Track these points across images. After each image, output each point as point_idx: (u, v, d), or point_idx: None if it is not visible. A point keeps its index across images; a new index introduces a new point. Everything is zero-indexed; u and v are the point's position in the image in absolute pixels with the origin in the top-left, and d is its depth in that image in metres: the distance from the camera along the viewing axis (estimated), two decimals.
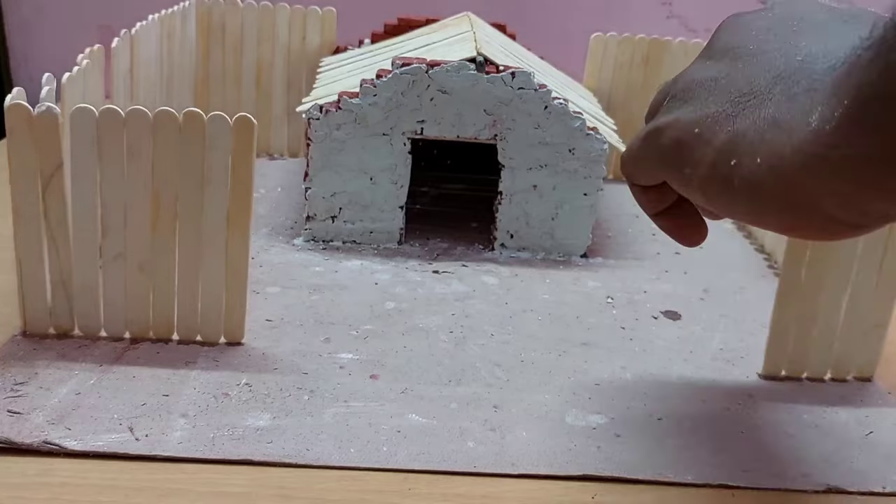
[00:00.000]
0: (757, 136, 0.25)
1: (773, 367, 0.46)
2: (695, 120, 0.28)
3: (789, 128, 0.24)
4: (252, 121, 0.41)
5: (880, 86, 0.21)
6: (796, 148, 0.24)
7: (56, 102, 0.40)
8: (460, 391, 0.43)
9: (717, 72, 0.29)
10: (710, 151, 0.27)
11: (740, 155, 0.26)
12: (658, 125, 0.30)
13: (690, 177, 0.28)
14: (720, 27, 0.32)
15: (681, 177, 0.29)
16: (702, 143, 0.28)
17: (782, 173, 0.24)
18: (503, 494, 0.36)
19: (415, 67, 0.56)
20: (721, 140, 0.27)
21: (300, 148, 0.80)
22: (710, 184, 0.27)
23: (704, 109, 0.28)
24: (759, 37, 0.29)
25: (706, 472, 0.38)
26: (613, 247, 0.65)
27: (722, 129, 0.27)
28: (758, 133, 0.25)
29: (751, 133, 0.26)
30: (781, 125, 0.25)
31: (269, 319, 0.49)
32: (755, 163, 0.25)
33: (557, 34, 1.08)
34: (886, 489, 0.38)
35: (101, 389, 0.40)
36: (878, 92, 0.21)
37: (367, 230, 0.61)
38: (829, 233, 0.25)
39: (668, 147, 0.29)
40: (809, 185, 0.24)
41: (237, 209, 0.42)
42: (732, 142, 0.26)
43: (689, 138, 0.28)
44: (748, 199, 0.26)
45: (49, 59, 1.07)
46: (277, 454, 0.37)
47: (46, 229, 0.42)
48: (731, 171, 0.26)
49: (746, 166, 0.26)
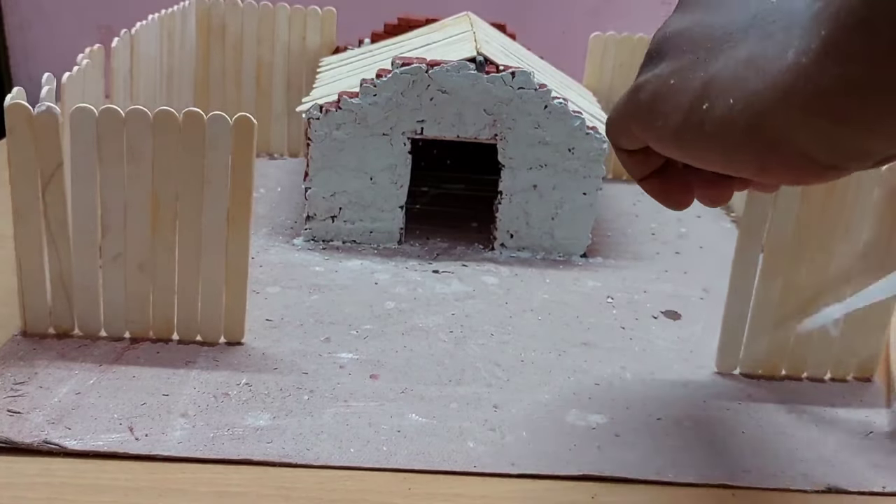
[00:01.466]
0: (730, 76, 0.25)
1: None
2: (671, 72, 0.28)
3: (765, 64, 0.24)
4: (252, 121, 0.41)
5: (860, 10, 0.20)
6: (770, 84, 0.23)
7: (56, 102, 0.40)
8: (460, 391, 0.43)
9: (690, 22, 0.29)
10: (684, 99, 0.27)
11: (713, 98, 0.26)
12: (637, 84, 0.30)
13: (664, 128, 0.28)
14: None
15: (655, 130, 0.29)
16: (676, 93, 0.27)
17: (756, 110, 0.24)
18: (503, 494, 0.36)
19: (415, 67, 0.56)
20: (695, 86, 0.27)
21: (300, 148, 0.80)
22: (684, 131, 0.27)
23: (680, 60, 0.28)
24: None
25: (706, 472, 0.38)
26: (613, 247, 0.65)
27: (695, 76, 0.27)
28: (731, 73, 0.25)
29: (724, 74, 0.25)
30: (757, 63, 0.24)
31: (269, 319, 0.49)
32: (728, 104, 0.25)
33: (557, 34, 1.08)
34: (886, 489, 0.38)
35: (101, 389, 0.40)
36: (858, 17, 0.20)
37: (367, 230, 0.61)
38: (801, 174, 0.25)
39: (645, 102, 0.29)
40: (784, 121, 0.23)
41: (237, 209, 0.42)
42: (706, 86, 0.26)
43: (664, 90, 0.28)
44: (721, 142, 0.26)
45: (49, 59, 1.07)
46: (277, 454, 0.37)
47: (46, 229, 0.42)
48: (704, 116, 0.26)
49: (719, 108, 0.25)
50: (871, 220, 0.43)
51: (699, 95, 0.26)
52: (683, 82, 0.27)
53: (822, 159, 0.24)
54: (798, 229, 0.43)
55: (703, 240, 0.67)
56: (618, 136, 0.33)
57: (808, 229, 0.43)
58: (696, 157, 0.28)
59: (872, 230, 0.43)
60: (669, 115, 0.28)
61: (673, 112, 0.27)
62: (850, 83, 0.21)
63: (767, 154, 0.25)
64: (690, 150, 0.28)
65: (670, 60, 0.29)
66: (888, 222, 0.43)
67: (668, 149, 0.29)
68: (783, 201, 0.42)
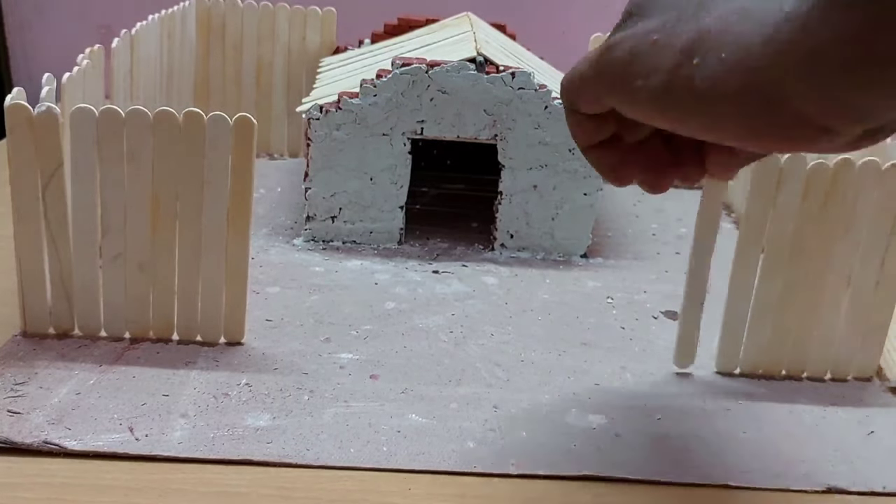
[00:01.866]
0: (723, 28, 0.23)
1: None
2: (653, 28, 0.26)
3: (761, 16, 0.22)
4: (252, 121, 0.41)
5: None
6: (767, 36, 0.22)
7: (56, 102, 0.40)
8: (460, 391, 0.43)
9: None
10: (669, 55, 0.25)
11: (704, 52, 0.24)
12: (611, 41, 0.28)
13: (643, 89, 0.26)
14: None
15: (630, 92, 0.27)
16: (660, 49, 0.25)
17: (750, 66, 0.22)
18: (503, 494, 0.36)
19: (415, 67, 0.56)
20: (683, 41, 0.25)
21: (300, 148, 0.80)
22: (667, 92, 0.25)
23: (663, 16, 0.26)
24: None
25: (706, 472, 0.38)
26: (613, 247, 0.65)
27: (683, 31, 0.25)
28: (725, 26, 0.23)
29: (717, 27, 0.24)
30: (752, 15, 0.23)
31: (269, 319, 0.49)
32: (719, 59, 0.23)
33: (557, 34, 1.08)
34: (886, 489, 0.38)
35: (101, 389, 0.40)
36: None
37: (367, 230, 0.61)
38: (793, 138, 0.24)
39: (621, 61, 0.27)
40: (779, 79, 0.22)
41: (237, 209, 0.42)
42: (695, 40, 0.24)
43: (644, 47, 0.26)
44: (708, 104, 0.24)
45: (49, 59, 1.07)
46: (277, 454, 0.37)
47: (46, 229, 0.42)
48: (693, 72, 0.24)
49: (710, 64, 0.24)
50: (871, 220, 0.43)
51: (687, 51, 0.24)
52: (669, 38, 0.25)
53: (817, 119, 0.23)
54: (798, 229, 0.43)
55: None
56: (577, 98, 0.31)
57: (808, 229, 0.43)
58: (678, 120, 0.26)
59: (872, 230, 0.43)
60: (650, 75, 0.26)
61: (654, 71, 0.26)
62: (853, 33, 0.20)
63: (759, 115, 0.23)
64: (671, 112, 0.26)
65: (652, 17, 0.27)
66: (888, 222, 0.43)
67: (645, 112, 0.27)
68: (783, 201, 0.42)
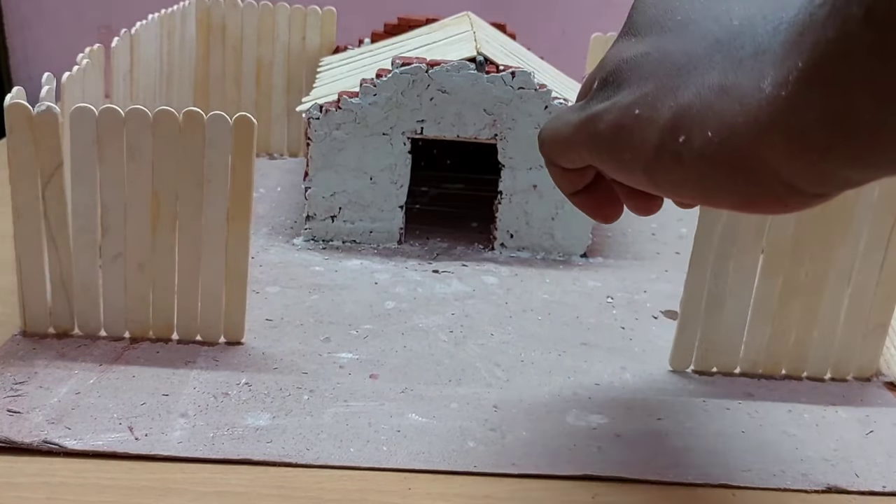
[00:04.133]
0: (704, 107, 0.24)
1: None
2: (633, 101, 0.26)
3: (740, 95, 0.23)
4: (252, 121, 0.41)
5: (839, 42, 0.19)
6: (751, 117, 0.22)
7: (56, 102, 0.40)
8: (460, 391, 0.43)
9: (646, 47, 0.27)
10: (654, 131, 0.25)
11: (688, 130, 0.24)
12: (593, 113, 0.29)
13: (633, 161, 0.27)
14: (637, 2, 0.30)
15: (620, 162, 0.27)
16: (643, 124, 0.26)
17: (737, 145, 0.23)
18: (503, 494, 0.36)
19: (415, 67, 0.56)
20: (665, 117, 0.25)
21: (300, 148, 0.80)
22: (657, 165, 0.26)
23: (642, 89, 0.26)
24: (684, 6, 0.27)
25: (706, 471, 0.38)
26: (613, 247, 0.65)
27: (664, 106, 0.25)
28: (705, 104, 0.24)
29: (697, 105, 0.24)
30: (730, 93, 0.23)
31: (269, 319, 0.49)
32: (706, 136, 0.23)
33: (557, 34, 1.08)
34: (886, 489, 0.38)
35: (101, 389, 0.40)
36: (838, 48, 0.19)
37: (366, 230, 0.61)
38: (788, 204, 0.24)
39: (607, 133, 0.28)
40: (767, 156, 0.22)
41: (237, 209, 0.42)
42: (678, 117, 0.25)
43: (628, 122, 0.26)
44: (700, 177, 0.24)
45: (49, 59, 1.07)
46: (277, 454, 0.37)
47: (46, 229, 0.42)
48: (681, 148, 0.24)
49: (697, 141, 0.24)
50: (870, 220, 0.43)
51: (671, 127, 0.25)
52: (651, 113, 0.26)
53: (809, 190, 0.23)
54: (798, 229, 0.43)
55: None
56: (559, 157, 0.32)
57: (808, 229, 0.43)
58: (671, 190, 0.27)
59: (872, 230, 0.43)
60: (638, 148, 0.26)
61: (642, 145, 0.26)
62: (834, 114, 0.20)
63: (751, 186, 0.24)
64: (664, 183, 0.26)
65: (631, 88, 0.27)
66: (888, 222, 0.43)
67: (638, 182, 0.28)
68: None
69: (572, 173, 0.33)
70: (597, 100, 0.29)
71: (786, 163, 0.22)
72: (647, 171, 0.26)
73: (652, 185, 0.27)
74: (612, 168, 0.28)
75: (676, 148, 0.25)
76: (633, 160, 0.27)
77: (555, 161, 0.33)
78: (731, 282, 0.44)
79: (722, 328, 0.45)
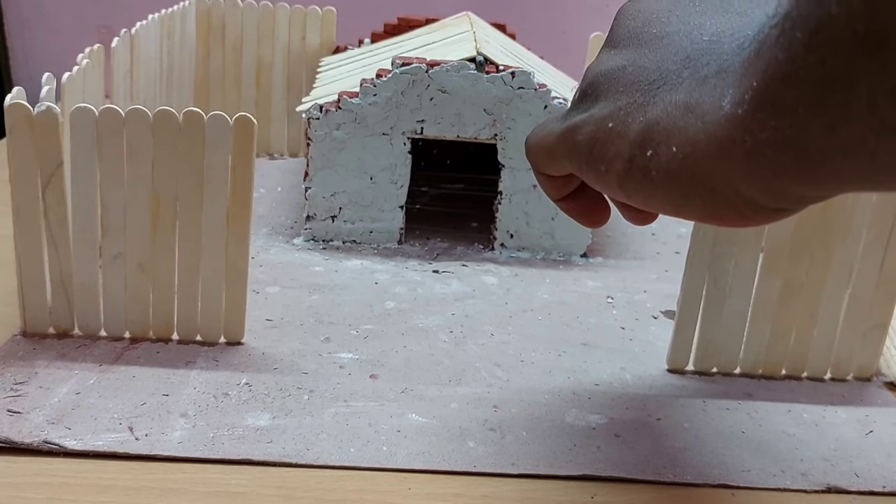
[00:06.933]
0: (670, 123, 0.24)
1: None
2: (608, 115, 0.27)
3: (702, 112, 0.23)
4: (252, 121, 0.41)
5: (787, 64, 0.19)
6: (710, 134, 0.23)
7: (56, 102, 0.40)
8: (460, 391, 0.43)
9: (623, 60, 0.28)
10: (625, 145, 0.26)
11: (656, 145, 0.25)
12: (572, 124, 0.29)
13: (607, 173, 0.27)
14: (619, 14, 0.30)
15: (597, 174, 0.28)
16: (616, 138, 0.27)
17: (699, 161, 0.23)
18: (503, 494, 0.36)
19: (415, 67, 0.56)
20: (635, 132, 0.26)
21: (300, 148, 0.80)
22: (628, 178, 0.26)
23: (616, 102, 0.27)
24: (661, 19, 0.28)
25: (706, 471, 0.38)
26: (613, 247, 0.65)
27: (635, 121, 0.26)
28: (671, 120, 0.24)
29: (664, 121, 0.25)
30: (694, 110, 0.23)
31: (269, 319, 0.49)
32: (671, 152, 0.24)
33: (557, 34, 1.08)
34: (886, 489, 0.38)
35: (101, 389, 0.40)
36: (785, 70, 0.20)
37: (366, 230, 0.61)
38: (751, 218, 0.24)
39: (584, 144, 0.28)
40: (726, 172, 0.23)
41: (237, 209, 0.42)
42: (646, 132, 0.25)
43: (602, 135, 0.27)
44: (667, 190, 0.25)
45: (49, 59, 1.07)
46: (277, 454, 0.37)
47: (46, 229, 0.42)
48: (648, 163, 0.25)
49: (663, 156, 0.24)
50: (870, 220, 0.43)
51: (640, 142, 0.26)
52: (623, 127, 0.26)
53: (768, 205, 0.23)
54: (798, 229, 0.43)
55: None
56: (544, 165, 0.33)
57: (808, 229, 0.43)
58: (643, 202, 0.27)
59: (872, 230, 0.43)
60: (611, 161, 0.27)
61: (614, 159, 0.27)
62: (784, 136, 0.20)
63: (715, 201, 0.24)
64: (636, 195, 0.27)
65: (606, 101, 0.28)
66: (888, 222, 0.43)
67: (614, 193, 0.28)
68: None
69: (557, 180, 0.33)
70: (577, 111, 0.30)
71: (744, 180, 0.23)
72: (620, 184, 0.27)
73: (626, 196, 0.27)
74: (591, 179, 0.29)
75: (645, 162, 0.25)
76: (608, 172, 0.27)
77: (540, 169, 0.33)
78: (730, 282, 0.44)
79: (721, 328, 0.45)
